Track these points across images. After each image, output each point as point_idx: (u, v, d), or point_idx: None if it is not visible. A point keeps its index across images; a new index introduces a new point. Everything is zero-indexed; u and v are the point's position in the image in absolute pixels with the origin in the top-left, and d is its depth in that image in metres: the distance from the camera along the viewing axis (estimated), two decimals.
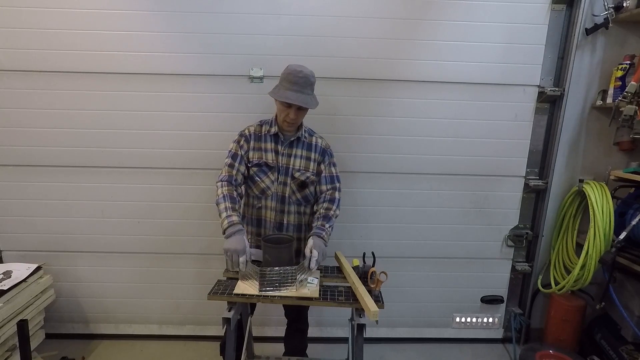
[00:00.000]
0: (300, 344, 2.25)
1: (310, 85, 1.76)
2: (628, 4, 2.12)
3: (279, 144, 1.86)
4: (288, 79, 1.72)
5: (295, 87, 1.71)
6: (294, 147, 1.88)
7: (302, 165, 1.88)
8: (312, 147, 1.90)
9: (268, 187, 1.87)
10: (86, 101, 2.27)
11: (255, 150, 1.86)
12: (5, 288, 1.95)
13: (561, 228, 2.49)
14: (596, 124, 2.39)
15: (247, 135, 1.88)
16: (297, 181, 1.87)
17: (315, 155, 1.90)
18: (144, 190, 2.40)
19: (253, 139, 1.87)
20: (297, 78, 1.70)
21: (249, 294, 1.59)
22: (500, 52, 2.27)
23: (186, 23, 2.19)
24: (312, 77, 1.76)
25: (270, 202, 1.89)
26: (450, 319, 2.69)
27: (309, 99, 1.75)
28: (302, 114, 1.80)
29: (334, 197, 1.93)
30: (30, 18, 2.15)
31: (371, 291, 1.61)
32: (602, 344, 2.26)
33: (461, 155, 2.41)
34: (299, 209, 1.93)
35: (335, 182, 1.95)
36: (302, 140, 1.89)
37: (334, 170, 1.96)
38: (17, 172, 2.36)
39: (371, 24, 2.21)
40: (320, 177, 1.93)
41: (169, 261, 2.52)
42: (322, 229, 1.80)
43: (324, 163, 1.93)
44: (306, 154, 1.89)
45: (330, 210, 1.88)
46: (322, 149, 1.92)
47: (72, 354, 2.34)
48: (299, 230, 1.96)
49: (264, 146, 1.86)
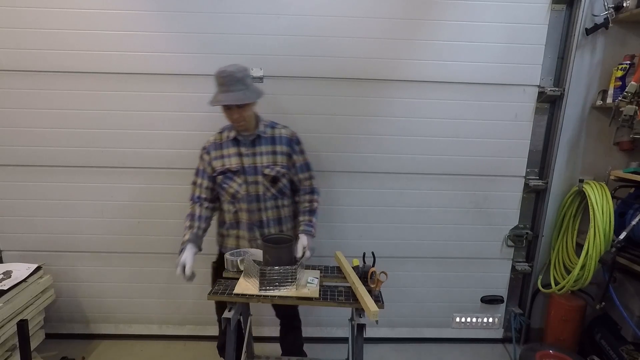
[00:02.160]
0: (296, 341, 2.25)
1: (237, 81, 1.70)
2: (628, 4, 2.11)
3: (241, 147, 1.86)
4: (217, 82, 1.73)
5: (223, 87, 1.70)
6: (257, 145, 1.87)
7: (269, 160, 1.88)
8: (275, 140, 1.89)
9: (237, 191, 1.88)
10: (86, 101, 2.27)
11: (217, 159, 1.88)
12: (5, 288, 1.96)
13: (561, 228, 2.49)
14: (596, 124, 2.39)
15: (207, 148, 1.91)
16: (268, 177, 1.88)
17: (281, 148, 1.89)
18: (144, 190, 2.40)
19: (213, 149, 1.89)
20: (222, 79, 1.70)
21: (249, 294, 1.59)
22: (500, 52, 2.27)
23: (186, 23, 2.19)
24: (237, 72, 1.70)
25: (243, 204, 1.90)
26: (450, 319, 2.69)
27: (241, 95, 1.71)
28: (245, 110, 1.75)
29: (313, 187, 1.99)
30: (30, 18, 2.15)
31: (371, 291, 1.61)
32: (602, 344, 2.26)
33: (461, 155, 2.41)
34: (277, 203, 1.94)
35: (310, 170, 1.99)
36: (263, 136, 1.87)
37: (306, 157, 1.98)
38: (17, 172, 2.36)
39: (371, 24, 2.21)
40: (296, 166, 1.94)
41: (169, 261, 2.51)
42: (311, 225, 1.91)
43: (294, 153, 1.93)
44: (271, 148, 1.88)
45: (314, 202, 1.97)
46: (288, 139, 1.91)
47: (72, 354, 2.34)
48: (279, 224, 1.97)
49: (225, 152, 1.88)
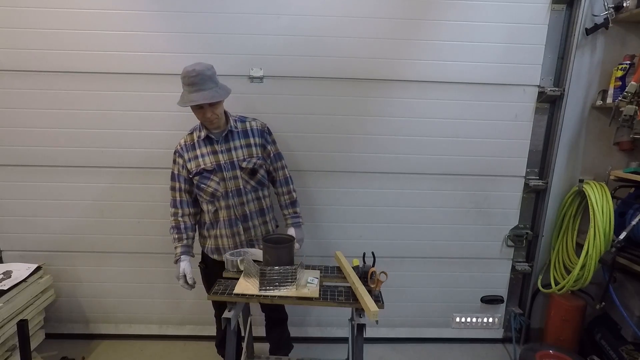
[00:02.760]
0: (283, 333, 2.27)
1: (208, 79, 1.71)
2: (628, 4, 2.11)
3: (214, 144, 1.87)
4: (185, 82, 1.72)
5: (193, 87, 1.69)
6: (230, 141, 1.88)
7: (246, 153, 1.89)
8: (248, 133, 1.91)
9: (216, 189, 1.88)
10: (86, 101, 2.27)
11: (192, 160, 1.88)
12: (5, 288, 1.96)
13: (561, 228, 2.49)
14: (596, 124, 2.39)
15: (179, 151, 1.90)
16: (247, 170, 1.89)
17: (255, 139, 1.92)
18: (144, 190, 2.40)
19: (186, 151, 1.89)
20: (192, 79, 1.68)
21: (249, 294, 1.59)
22: (500, 52, 2.27)
23: (186, 23, 2.19)
24: (207, 70, 1.71)
25: (224, 202, 1.90)
26: (450, 319, 2.69)
27: (213, 93, 1.72)
28: (217, 108, 1.77)
29: (287, 177, 2.06)
30: (30, 18, 2.15)
31: (371, 291, 1.60)
32: (602, 344, 2.26)
33: (461, 155, 2.41)
34: (258, 195, 1.96)
35: (281, 160, 2.05)
36: (235, 131, 1.89)
37: (277, 147, 2.04)
38: (17, 172, 2.36)
39: (371, 24, 2.21)
40: (271, 157, 2.00)
41: (169, 261, 2.50)
42: (297, 216, 2.05)
43: (268, 144, 1.98)
44: (245, 142, 1.90)
45: (292, 192, 2.06)
46: (260, 131, 1.94)
47: (72, 354, 2.34)
48: (262, 215, 2.00)
49: (199, 152, 1.88)
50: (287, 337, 2.30)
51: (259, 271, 1.60)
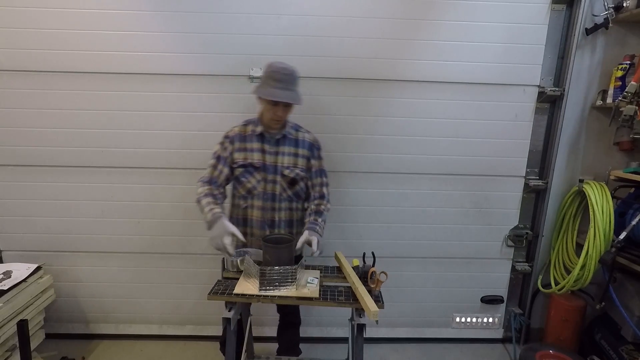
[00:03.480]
0: (293, 337, 2.27)
1: (294, 81, 1.76)
2: (628, 4, 2.11)
3: (265, 143, 1.86)
4: (274, 77, 1.71)
5: (281, 84, 1.71)
6: (281, 145, 1.88)
7: (290, 162, 1.88)
8: (298, 143, 1.90)
9: (254, 187, 1.88)
10: (86, 101, 2.26)
11: (240, 151, 1.87)
12: (5, 288, 1.95)
13: (561, 228, 2.49)
14: (596, 124, 2.39)
15: (231, 137, 1.88)
16: (287, 178, 1.88)
17: (303, 151, 1.90)
18: (144, 190, 2.40)
19: (237, 140, 1.87)
20: (282, 75, 1.71)
21: (249, 293, 1.59)
22: (500, 52, 2.27)
23: (186, 23, 2.19)
24: (296, 73, 1.76)
25: (257, 201, 1.89)
26: (450, 319, 2.69)
27: (295, 95, 1.76)
28: (288, 111, 1.81)
29: (323, 193, 1.96)
30: (30, 18, 2.15)
31: (371, 291, 1.60)
32: (602, 344, 2.26)
33: (461, 155, 2.41)
34: (291, 205, 1.95)
35: (324, 177, 1.98)
36: (288, 137, 1.89)
37: (323, 163, 1.99)
38: (17, 172, 2.36)
39: (371, 24, 2.21)
40: (312, 171, 1.95)
41: (169, 261, 2.52)
42: (316, 223, 1.84)
43: (313, 157, 1.94)
44: (293, 150, 1.89)
45: (321, 205, 1.92)
46: (310, 144, 1.92)
47: (72, 354, 2.34)
48: (290, 226, 1.97)
49: (249, 146, 1.86)
50: (297, 342, 2.30)
51: (259, 271, 1.60)
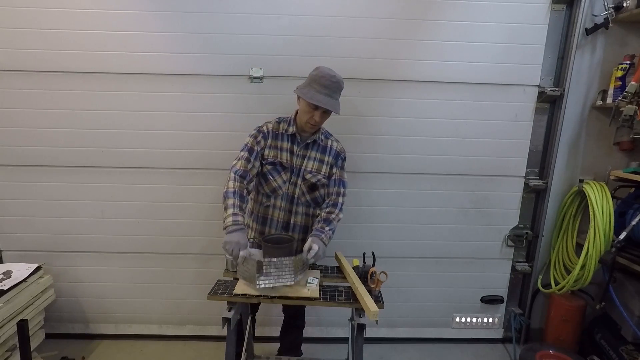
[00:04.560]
0: (296, 339, 2.29)
1: (339, 90, 1.76)
2: (628, 4, 2.12)
3: (295, 145, 1.86)
4: (320, 82, 1.70)
5: (326, 90, 1.70)
6: (310, 149, 1.88)
7: (315, 167, 1.88)
8: (326, 150, 1.90)
9: (280, 187, 1.87)
10: (86, 101, 2.26)
11: (272, 148, 1.85)
12: (5, 288, 1.95)
13: (561, 228, 2.49)
14: (596, 124, 2.39)
15: (265, 132, 1.85)
16: (308, 183, 1.88)
17: (329, 159, 1.90)
18: (144, 190, 2.40)
19: (271, 137, 1.85)
20: (329, 82, 1.70)
21: (249, 294, 1.59)
22: (500, 52, 2.27)
23: (186, 23, 2.18)
24: (342, 83, 1.76)
25: (279, 202, 1.90)
26: (451, 319, 2.69)
27: (336, 104, 1.75)
28: (326, 117, 1.79)
29: (337, 202, 1.92)
30: (30, 18, 2.15)
31: (371, 291, 1.61)
32: (602, 344, 2.26)
33: (461, 155, 2.41)
34: (308, 211, 1.94)
35: (341, 187, 1.95)
36: (318, 142, 1.89)
37: (344, 174, 1.97)
38: (17, 172, 2.36)
39: (371, 24, 2.21)
40: (330, 179, 1.93)
41: (169, 261, 2.52)
42: (322, 231, 1.79)
43: (336, 166, 1.93)
44: (320, 156, 1.89)
45: (332, 214, 1.88)
46: (337, 152, 1.92)
47: (72, 354, 2.34)
48: (304, 232, 1.96)
49: (280, 145, 1.86)
50: (299, 343, 2.31)
51: (255, 264, 1.58)
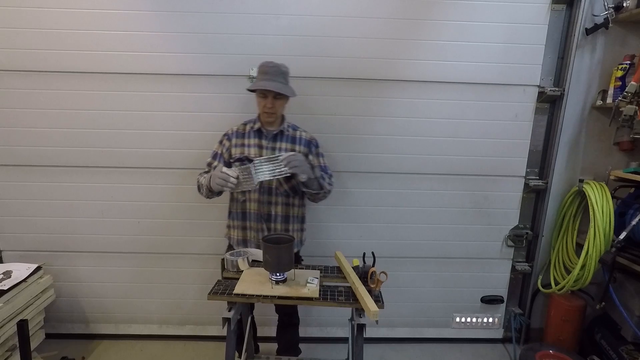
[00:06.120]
0: (293, 337, 2.30)
1: (282, 74, 1.84)
2: (628, 4, 2.11)
3: (262, 139, 1.93)
4: (261, 70, 1.85)
5: (267, 76, 1.81)
6: (278, 141, 1.94)
7: None
8: (295, 140, 1.96)
9: None
10: (86, 101, 2.27)
11: (238, 146, 1.94)
12: (5, 288, 1.95)
13: (561, 228, 2.49)
14: (596, 124, 2.39)
15: (229, 134, 1.98)
16: None
17: (300, 147, 1.95)
18: (144, 190, 2.40)
19: (235, 137, 1.96)
20: (267, 68, 1.82)
21: (249, 294, 1.59)
22: (500, 52, 2.27)
23: (186, 23, 2.18)
24: (282, 67, 1.86)
25: (256, 195, 1.94)
26: (450, 319, 2.69)
27: (281, 86, 1.82)
28: (279, 102, 1.86)
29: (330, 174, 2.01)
30: (30, 18, 2.15)
31: (371, 291, 1.60)
32: (602, 344, 2.26)
33: (461, 155, 2.41)
34: (287, 200, 1.98)
35: (327, 171, 2.02)
36: (286, 134, 1.95)
37: (322, 160, 2.03)
38: (17, 172, 2.36)
39: (371, 24, 2.21)
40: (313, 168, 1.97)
41: (169, 261, 2.52)
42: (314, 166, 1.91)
43: (311, 154, 1.98)
44: (290, 146, 1.95)
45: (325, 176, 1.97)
46: (307, 141, 1.98)
47: (72, 354, 2.34)
48: (286, 222, 2.01)
49: (246, 142, 1.94)
50: (296, 342, 2.32)
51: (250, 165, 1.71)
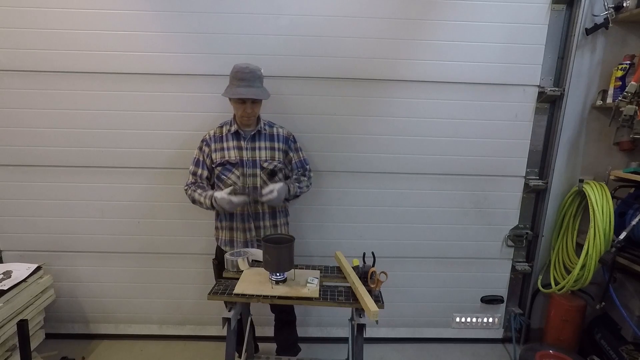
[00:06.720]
0: (290, 335, 2.30)
1: (258, 78, 1.87)
2: (628, 4, 2.11)
3: (241, 140, 1.97)
4: (237, 76, 1.85)
5: (244, 82, 1.83)
6: (257, 140, 1.99)
7: (269, 155, 2.00)
8: (274, 137, 2.02)
9: (235, 183, 1.97)
10: (86, 101, 2.26)
11: (218, 151, 1.98)
12: (5, 288, 1.95)
13: (561, 228, 2.49)
14: (596, 124, 2.39)
15: (207, 140, 2.01)
16: (267, 170, 1.98)
17: (279, 144, 2.02)
18: (144, 190, 2.40)
19: (214, 142, 1.99)
20: (244, 74, 1.83)
21: (249, 294, 1.59)
22: (500, 52, 2.27)
23: (186, 23, 2.18)
24: (258, 71, 1.88)
25: None
26: (450, 319, 2.69)
27: (259, 91, 1.87)
28: (257, 106, 1.92)
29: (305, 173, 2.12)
30: (31, 18, 2.15)
31: (371, 291, 1.60)
32: (602, 344, 2.26)
33: (461, 155, 2.41)
34: None
35: (306, 165, 2.13)
36: (263, 132, 2.00)
37: (301, 154, 2.13)
38: (17, 172, 2.36)
39: (371, 24, 2.21)
40: (292, 163, 2.09)
41: (169, 261, 2.52)
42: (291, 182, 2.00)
43: (290, 151, 2.07)
44: (270, 144, 2.00)
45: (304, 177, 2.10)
46: (285, 137, 2.05)
47: (72, 354, 2.34)
48: (274, 217, 2.06)
49: (225, 145, 1.98)
50: (295, 339, 2.32)
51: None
